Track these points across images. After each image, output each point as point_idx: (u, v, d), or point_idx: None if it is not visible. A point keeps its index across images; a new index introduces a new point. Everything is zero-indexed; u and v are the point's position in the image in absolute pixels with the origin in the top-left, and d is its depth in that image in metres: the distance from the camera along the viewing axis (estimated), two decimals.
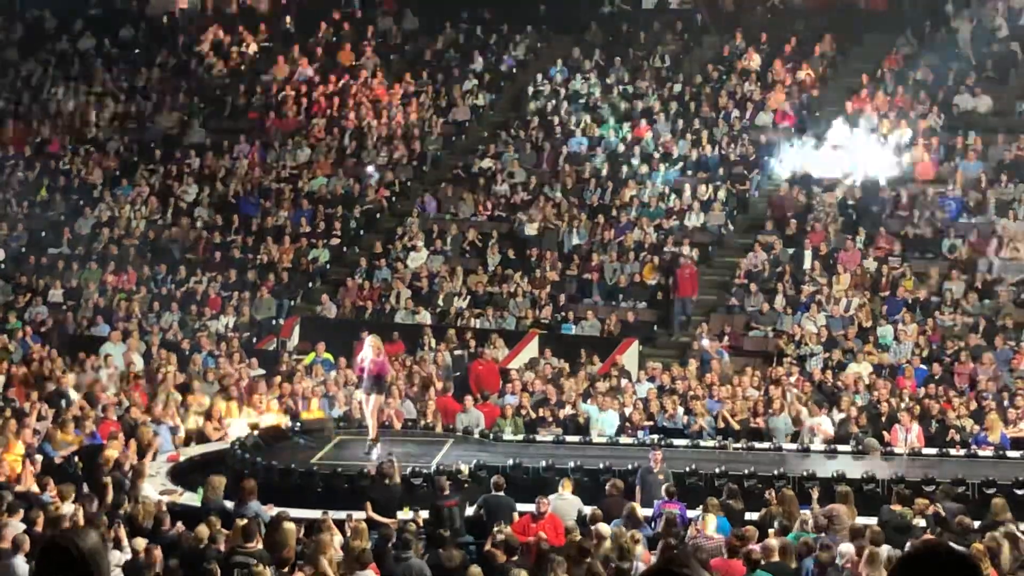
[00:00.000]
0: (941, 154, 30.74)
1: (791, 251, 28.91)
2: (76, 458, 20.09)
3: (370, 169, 32.04)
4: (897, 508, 17.43)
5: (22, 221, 31.45)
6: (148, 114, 35.06)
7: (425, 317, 27.94)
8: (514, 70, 35.55)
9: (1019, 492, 19.00)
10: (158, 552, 14.83)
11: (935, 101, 32.00)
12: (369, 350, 20.04)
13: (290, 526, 15.68)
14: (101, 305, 28.33)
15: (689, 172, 31.32)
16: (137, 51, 37.36)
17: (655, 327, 28.21)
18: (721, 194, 30.43)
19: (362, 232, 31.03)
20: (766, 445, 21.90)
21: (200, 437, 22.40)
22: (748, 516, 17.53)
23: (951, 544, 7.03)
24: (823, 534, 15.97)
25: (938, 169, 30.40)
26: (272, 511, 17.08)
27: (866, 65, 33.58)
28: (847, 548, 14.97)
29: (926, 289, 27.47)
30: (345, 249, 30.55)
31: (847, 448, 21.64)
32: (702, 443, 21.94)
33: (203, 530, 15.65)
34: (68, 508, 16.48)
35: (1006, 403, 23.18)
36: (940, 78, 32.64)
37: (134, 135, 34.43)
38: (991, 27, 33.69)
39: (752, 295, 27.94)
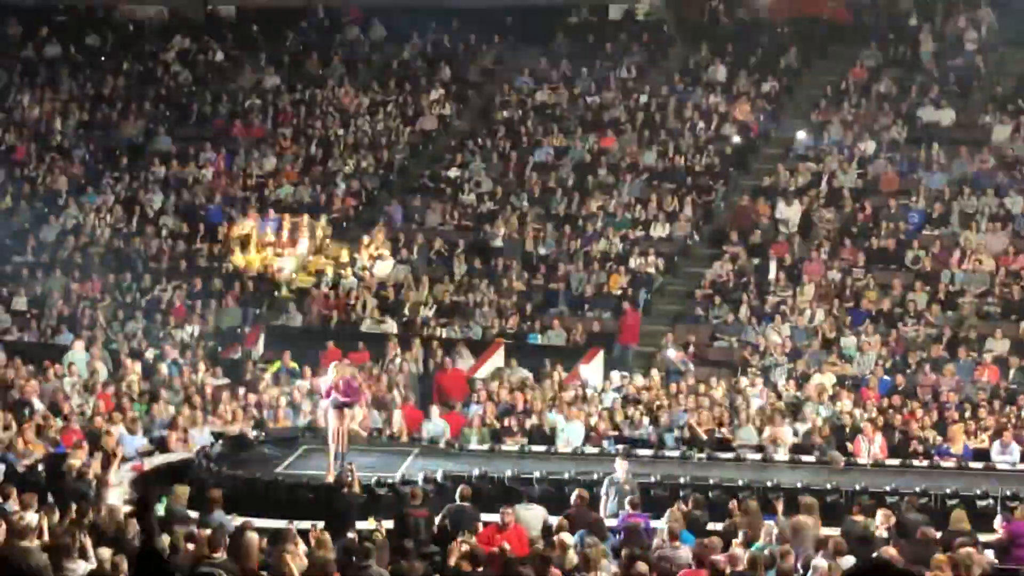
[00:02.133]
0: (904, 166, 30.95)
1: (756, 262, 29.04)
2: (40, 467, 19.98)
3: None
4: (859, 519, 17.51)
5: None
6: (114, 122, 34.95)
7: (391, 326, 27.91)
8: (480, 80, 35.61)
9: (981, 503, 19.13)
10: (124, 561, 14.76)
11: (899, 113, 32.23)
12: (330, 378, 19.85)
13: (254, 536, 15.63)
14: (66, 313, 28.20)
15: (655, 183, 31.41)
16: (103, 59, 37.22)
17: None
18: (686, 205, 30.55)
19: (328, 241, 30.99)
20: (730, 455, 21.97)
21: (164, 446, 22.31)
22: (712, 527, 17.57)
23: (895, 564, 7.13)
24: (787, 545, 16.01)
25: (901, 181, 30.60)
26: (236, 521, 17.03)
27: (830, 77, 33.81)
28: (820, 563, 15.00)
29: (889, 300, 27.62)
30: (312, 257, 30.50)
31: (810, 459, 21.73)
32: (666, 453, 22.01)
33: (166, 540, 15.57)
34: (31, 517, 16.38)
35: (968, 414, 23.31)
36: (904, 91, 32.89)
37: (100, 143, 34.31)
38: (955, 40, 33.96)
39: (717, 306, 28.05)
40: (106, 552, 14.84)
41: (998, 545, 16.99)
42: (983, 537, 16.93)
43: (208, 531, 15.50)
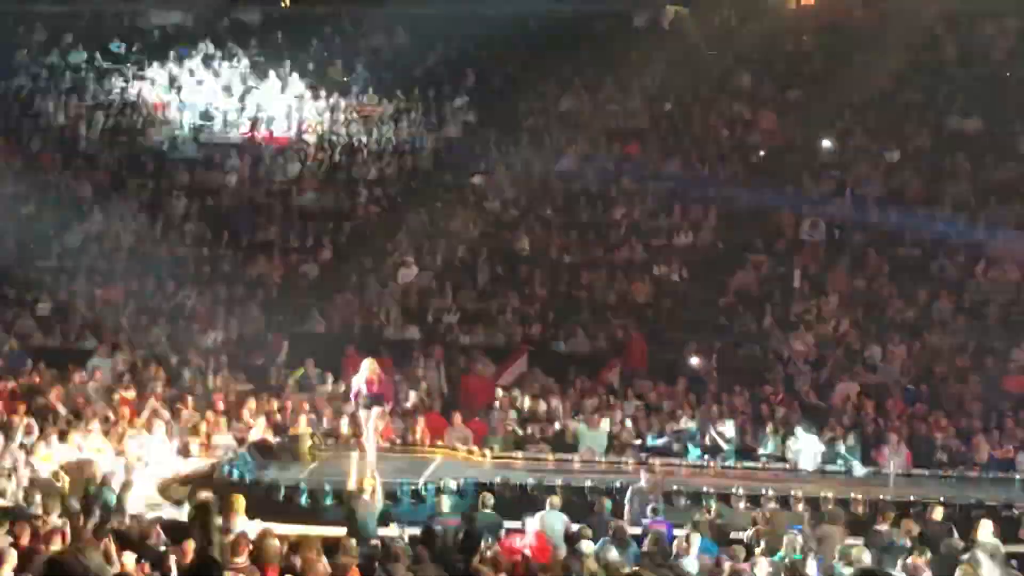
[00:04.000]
0: (930, 175, 30.82)
1: (780, 270, 28.95)
2: (63, 472, 20.01)
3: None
4: (884, 529, 17.43)
5: (11, 234, 31.31)
6: (139, 128, 34.99)
7: (414, 333, 27.90)
8: (505, 87, 35.58)
9: (1006, 513, 19.03)
10: (147, 567, 14.77)
11: (924, 122, 32.10)
12: (364, 374, 19.97)
13: (275, 542, 15.63)
14: (90, 319, 28.25)
15: (679, 191, 31.34)
16: (128, 65, 37.31)
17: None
18: (710, 213, 30.48)
19: (352, 248, 30.99)
20: (754, 464, 21.91)
21: (187, 452, 22.33)
22: (735, 535, 17.52)
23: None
24: (811, 555, 15.95)
25: (927, 190, 30.47)
26: (259, 526, 17.02)
27: (855, 84, 33.68)
28: (843, 572, 14.94)
29: (914, 310, 27.50)
30: (335, 265, 30.49)
31: (834, 468, 21.66)
32: (689, 461, 21.95)
33: (190, 545, 15.57)
34: (55, 522, 16.42)
35: (993, 424, 23.20)
36: (930, 99, 32.77)
37: (124, 149, 34.37)
38: (981, 49, 33.84)
39: (741, 314, 27.95)
40: (130, 558, 14.85)
41: None
42: (1009, 548, 16.85)
43: (231, 537, 15.50)
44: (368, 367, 20.04)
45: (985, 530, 17.17)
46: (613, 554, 15.61)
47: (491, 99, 35.15)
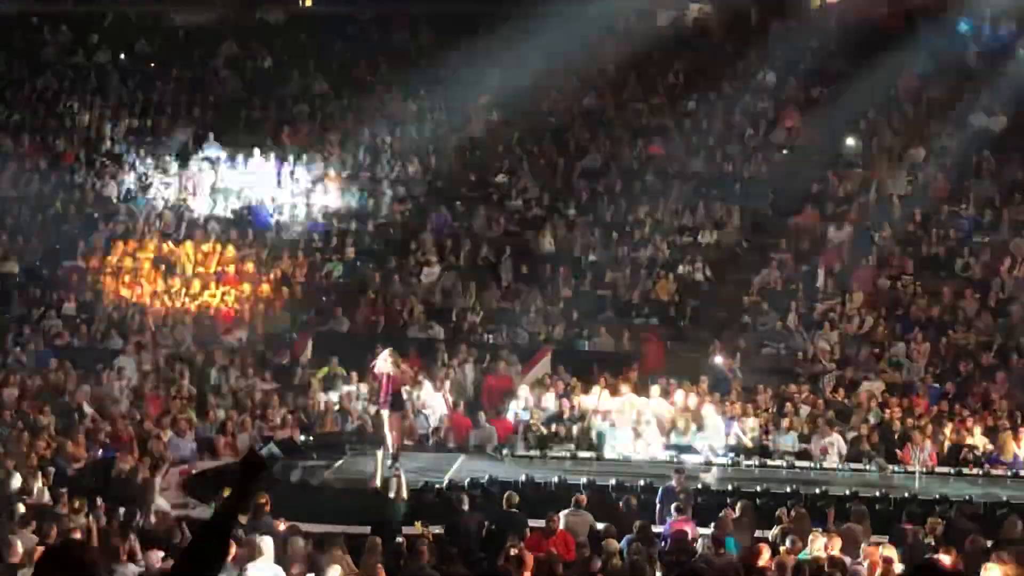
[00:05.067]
0: (955, 173, 30.74)
1: (804, 268, 28.91)
2: (89, 471, 20.10)
3: None
4: (909, 527, 17.40)
5: (37, 234, 31.46)
6: (163, 128, 35.12)
7: (438, 332, 27.93)
8: (528, 86, 35.55)
9: None
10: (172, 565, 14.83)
11: (949, 120, 32.01)
12: (384, 364, 19.96)
13: (300, 541, 15.69)
14: (115, 318, 28.36)
15: (703, 189, 31.32)
16: (152, 65, 37.44)
17: (668, 344, 28.14)
18: (734, 211, 30.45)
19: (376, 247, 31.05)
20: (779, 463, 21.89)
21: (213, 451, 22.42)
22: (759, 534, 17.50)
23: (943, 567, 7.05)
24: (837, 554, 15.91)
25: (952, 187, 30.40)
26: (283, 526, 17.07)
27: (880, 83, 33.58)
28: (860, 570, 14.92)
29: (939, 307, 27.43)
30: (359, 263, 30.55)
31: (860, 466, 21.63)
32: (714, 460, 21.93)
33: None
34: (81, 521, 16.51)
35: (1020, 422, 23.13)
36: (955, 97, 32.66)
37: (149, 149, 34.48)
38: (1005, 47, 33.73)
39: (765, 313, 27.92)
40: (155, 555, 14.93)
41: None
42: None
43: (256, 536, 15.56)
44: (387, 357, 19.95)
45: (1012, 528, 17.12)
46: (639, 552, 15.60)
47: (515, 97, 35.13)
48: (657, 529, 17.66)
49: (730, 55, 35.42)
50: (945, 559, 15.44)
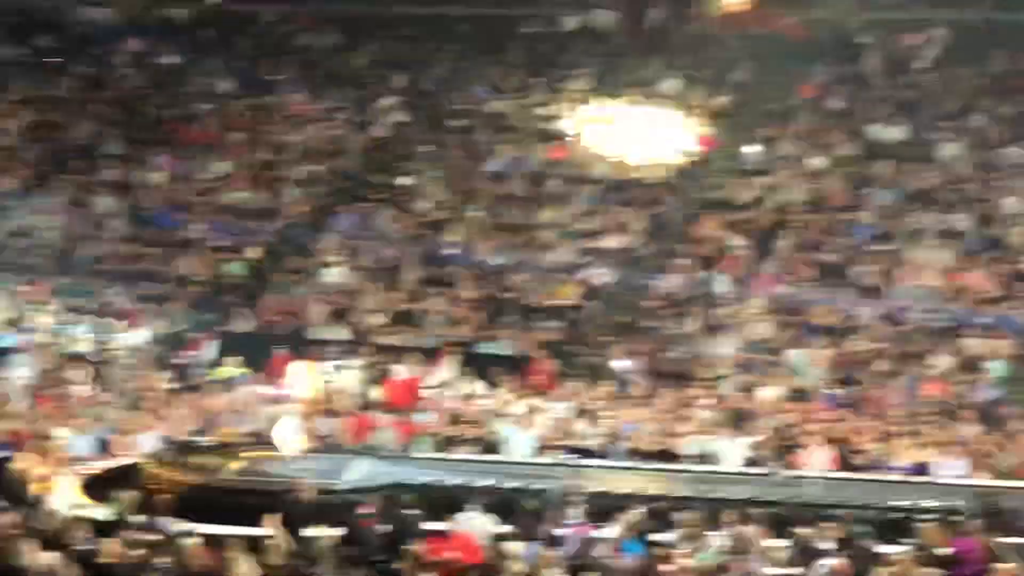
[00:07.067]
0: (853, 182, 31.20)
1: (705, 274, 29.19)
2: None
3: None
4: (804, 531, 17.61)
5: None
6: (64, 124, 34.71)
7: (341, 333, 27.87)
8: (433, 88, 35.62)
9: (925, 516, 19.26)
10: (71, 566, 14.71)
11: (848, 130, 32.50)
12: (295, 378, 19.92)
13: (198, 542, 15.61)
14: (13, 316, 27.98)
15: (608, 194, 31.52)
16: (54, 60, 36.98)
17: (568, 347, 28.26)
18: (638, 217, 30.68)
19: (279, 247, 30.92)
20: (677, 467, 22.05)
21: (111, 450, 22.19)
22: (659, 537, 17.64)
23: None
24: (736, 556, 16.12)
25: (850, 197, 30.85)
26: (182, 527, 16.97)
27: (782, 92, 34.02)
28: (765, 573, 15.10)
29: (836, 315, 27.82)
30: (261, 263, 30.40)
31: (757, 471, 21.85)
32: (614, 464, 22.07)
33: (114, 546, 15.53)
34: None
35: (913, 428, 23.50)
36: (854, 107, 33.17)
37: (49, 144, 34.06)
38: (905, 58, 34.30)
39: (666, 317, 28.17)
40: (52, 556, 14.79)
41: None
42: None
43: (153, 537, 15.49)
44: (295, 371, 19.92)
45: (904, 532, 17.37)
46: (541, 555, 15.69)
47: (420, 99, 35.18)
48: (558, 532, 17.75)
49: (635, 61, 35.63)
50: (837, 564, 15.75)
